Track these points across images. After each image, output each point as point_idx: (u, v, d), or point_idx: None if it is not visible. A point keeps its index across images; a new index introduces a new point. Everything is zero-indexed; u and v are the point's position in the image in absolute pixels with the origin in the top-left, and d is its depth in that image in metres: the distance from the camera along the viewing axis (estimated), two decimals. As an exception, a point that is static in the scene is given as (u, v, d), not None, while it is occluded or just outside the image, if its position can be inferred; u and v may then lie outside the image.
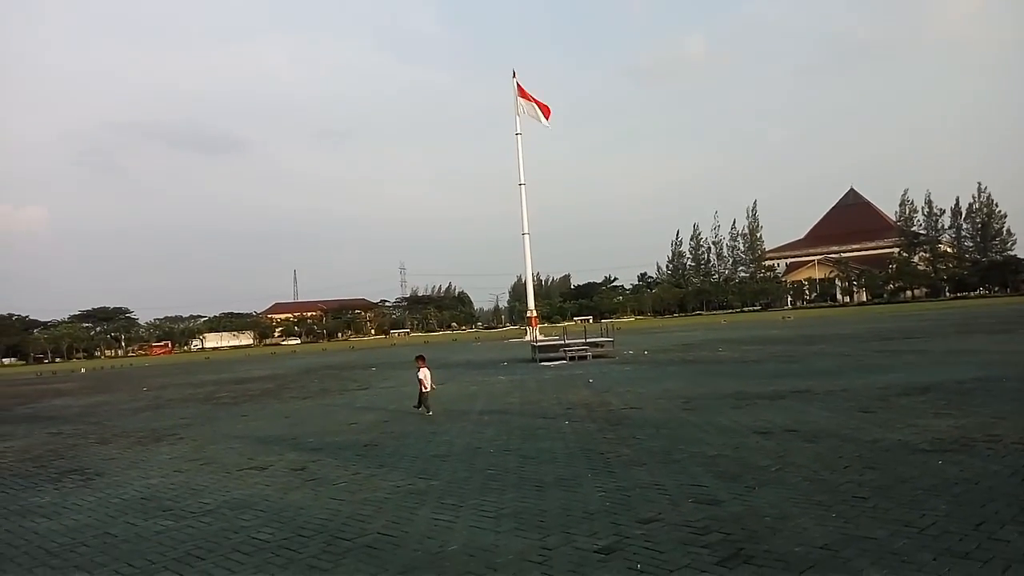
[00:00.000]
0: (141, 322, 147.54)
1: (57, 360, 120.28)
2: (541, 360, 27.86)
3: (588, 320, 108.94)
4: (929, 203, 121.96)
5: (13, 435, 16.08)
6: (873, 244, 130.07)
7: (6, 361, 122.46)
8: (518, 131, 54.12)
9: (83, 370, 67.08)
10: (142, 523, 7.12)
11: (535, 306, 57.66)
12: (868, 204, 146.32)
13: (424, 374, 14.16)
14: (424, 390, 14.12)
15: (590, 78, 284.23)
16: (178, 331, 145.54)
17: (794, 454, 8.03)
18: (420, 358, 14.79)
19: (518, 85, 52.62)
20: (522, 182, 53.79)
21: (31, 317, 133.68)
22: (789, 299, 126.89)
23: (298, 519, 6.78)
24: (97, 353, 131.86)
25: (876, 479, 6.70)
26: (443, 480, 8.00)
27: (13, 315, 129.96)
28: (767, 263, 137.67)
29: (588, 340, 29.33)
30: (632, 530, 5.68)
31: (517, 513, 6.43)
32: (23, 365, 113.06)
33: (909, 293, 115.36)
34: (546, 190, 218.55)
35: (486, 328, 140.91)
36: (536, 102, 51.83)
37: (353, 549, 5.73)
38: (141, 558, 5.94)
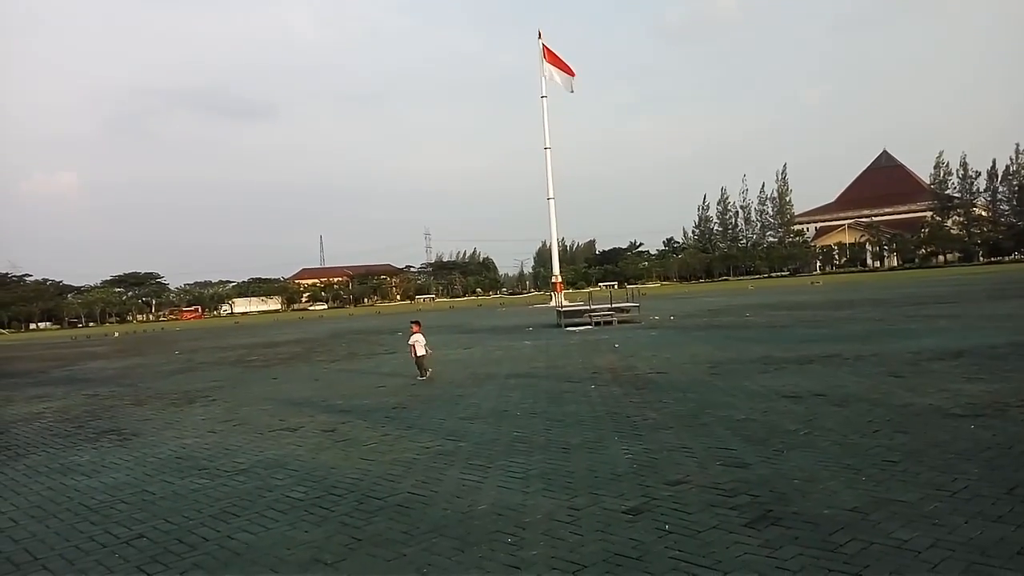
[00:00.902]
0: (171, 287, 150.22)
1: (90, 324, 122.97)
2: (566, 325, 27.89)
3: (613, 286, 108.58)
4: (964, 165, 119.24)
5: (51, 396, 16.51)
6: (905, 208, 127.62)
7: (42, 325, 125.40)
8: (543, 94, 53.59)
9: (116, 334, 68.51)
10: (178, 482, 7.30)
11: (560, 271, 57.55)
12: (901, 167, 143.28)
13: (416, 339, 14.14)
14: (420, 354, 14.10)
15: (618, 38, 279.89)
16: (207, 296, 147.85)
17: (823, 418, 7.99)
18: (415, 323, 14.74)
19: (544, 47, 51.89)
20: (547, 146, 53.44)
21: (65, 282, 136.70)
22: (818, 264, 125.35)
23: (330, 478, 6.91)
24: (129, 317, 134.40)
25: (907, 443, 6.65)
26: (471, 442, 8.08)
27: (48, 280, 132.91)
28: (796, 227, 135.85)
29: (614, 305, 29.27)
30: (660, 492, 5.71)
31: (544, 474, 6.49)
32: (58, 329, 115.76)
33: (941, 258, 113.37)
34: (572, 154, 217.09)
35: (511, 294, 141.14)
36: (561, 65, 51.11)
37: (384, 508, 5.83)
38: (178, 515, 6.10)
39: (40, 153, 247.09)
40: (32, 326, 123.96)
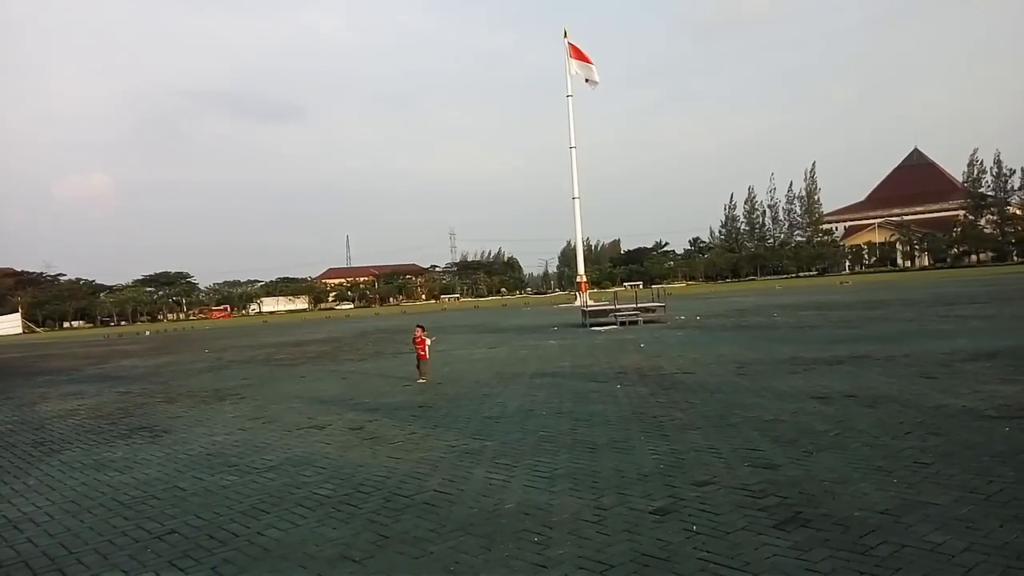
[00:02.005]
0: (201, 286, 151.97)
1: (122, 323, 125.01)
2: (591, 325, 27.80)
3: (639, 285, 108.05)
4: (998, 163, 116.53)
5: (85, 393, 16.83)
6: (937, 206, 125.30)
7: (75, 324, 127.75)
8: (569, 93, 53.50)
9: (147, 332, 69.58)
10: (209, 478, 7.41)
11: (585, 271, 57.41)
12: (933, 165, 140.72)
13: (427, 342, 14.03)
14: (421, 360, 13.89)
15: (644, 36, 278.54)
16: (236, 295, 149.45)
17: (853, 419, 7.89)
18: (420, 327, 14.38)
19: (570, 45, 51.81)
20: (573, 145, 53.34)
21: (97, 281, 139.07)
22: (847, 264, 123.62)
23: (357, 476, 6.96)
24: (160, 316, 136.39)
25: (940, 445, 6.54)
26: (497, 441, 8.10)
27: (81, 280, 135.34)
28: (825, 226, 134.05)
29: (639, 305, 29.12)
30: (687, 492, 5.67)
31: (571, 474, 6.48)
32: (91, 327, 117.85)
33: (974, 257, 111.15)
34: (597, 153, 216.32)
35: (535, 293, 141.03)
36: (587, 60, 51.02)
37: (411, 506, 5.86)
38: (209, 511, 6.19)
39: (74, 155, 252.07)
40: (66, 324, 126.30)
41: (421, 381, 13.58)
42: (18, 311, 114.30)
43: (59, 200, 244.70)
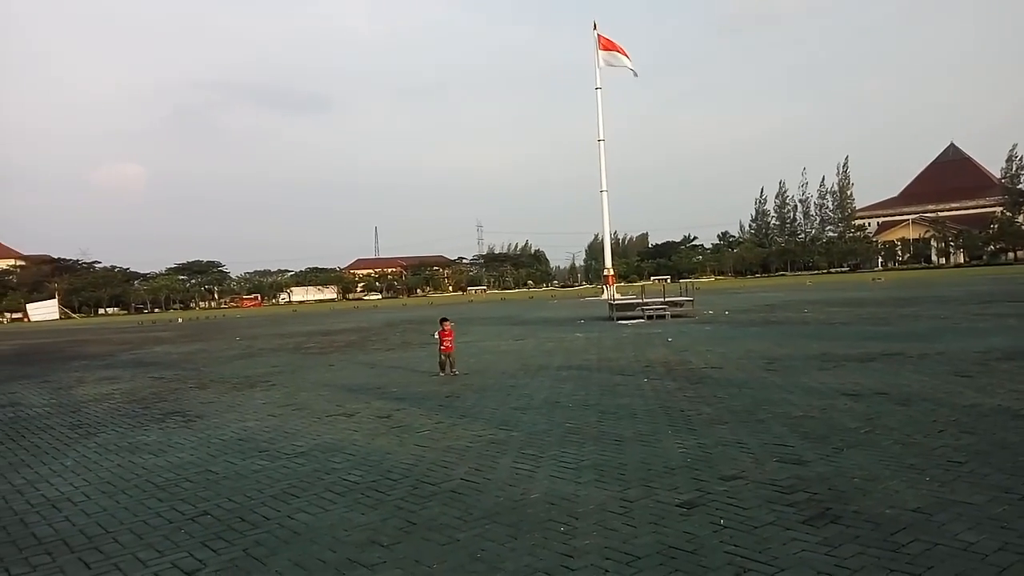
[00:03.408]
0: (232, 275, 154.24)
1: (156, 310, 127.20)
2: (618, 318, 27.72)
3: (666, 280, 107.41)
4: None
5: (120, 379, 17.16)
6: (973, 203, 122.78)
7: (110, 311, 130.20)
8: (598, 86, 53.11)
9: (180, 320, 70.74)
10: (240, 462, 7.53)
11: (612, 265, 57.14)
12: (969, 160, 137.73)
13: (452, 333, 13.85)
14: (451, 351, 13.75)
15: (674, 29, 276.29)
16: (267, 284, 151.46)
17: (885, 417, 7.78)
18: (446, 320, 14.17)
19: (599, 37, 51.47)
20: (601, 138, 52.98)
21: (131, 269, 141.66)
22: (880, 260, 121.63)
23: (385, 463, 7.03)
24: (192, 304, 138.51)
25: (974, 444, 6.44)
26: (523, 431, 8.12)
27: (116, 267, 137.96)
28: (857, 222, 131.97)
29: (667, 299, 28.95)
30: (714, 486, 5.65)
31: (597, 465, 6.48)
32: (125, 314, 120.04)
33: (1011, 255, 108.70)
34: (625, 146, 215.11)
35: (562, 286, 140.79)
36: (620, 51, 50.65)
37: (438, 493, 5.91)
38: (241, 494, 6.30)
39: (109, 145, 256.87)
40: (101, 311, 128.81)
41: (452, 372, 13.54)
42: (55, 297, 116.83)
43: (95, 189, 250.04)
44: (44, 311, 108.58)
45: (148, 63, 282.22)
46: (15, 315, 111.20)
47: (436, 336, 14.18)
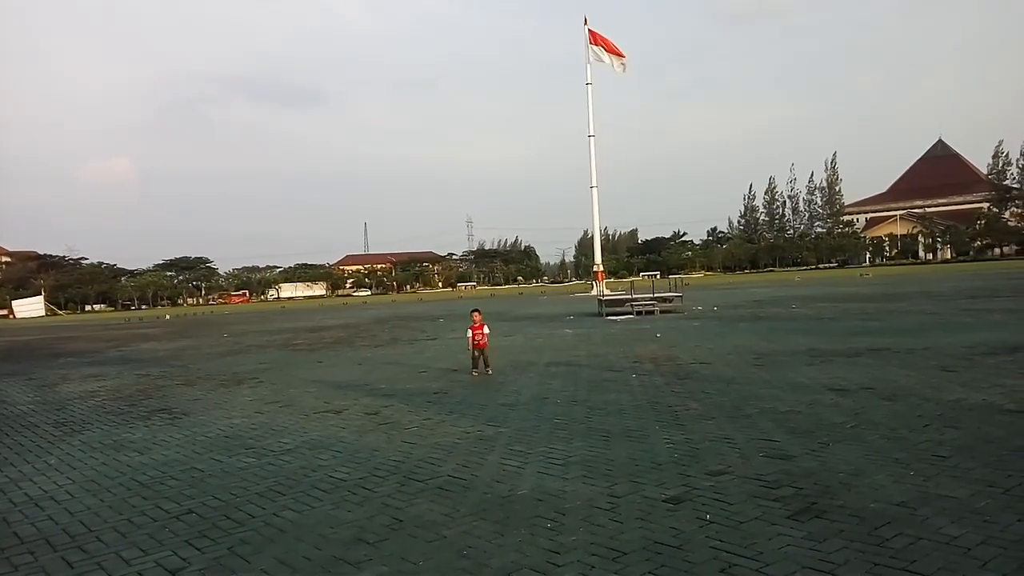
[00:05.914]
0: (220, 272, 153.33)
1: (143, 307, 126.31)
2: (607, 314, 27.76)
3: (656, 275, 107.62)
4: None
5: (106, 375, 17.04)
6: (960, 199, 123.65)
7: (97, 307, 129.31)
8: (588, 81, 53.11)
9: (167, 316, 70.28)
10: (226, 460, 7.49)
11: (601, 260, 57.23)
12: (957, 156, 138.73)
13: (484, 329, 12.74)
14: (484, 347, 12.83)
15: (667, 21, 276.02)
16: (255, 281, 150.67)
17: (871, 412, 7.82)
18: (477, 312, 12.86)
19: (590, 31, 51.43)
20: (591, 134, 53.01)
21: (119, 265, 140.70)
22: (868, 256, 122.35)
23: (373, 460, 7.01)
24: (180, 300, 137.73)
25: (958, 438, 6.48)
26: (511, 428, 8.12)
27: (103, 263, 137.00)
28: (845, 218, 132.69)
29: (656, 295, 29.02)
30: (701, 482, 5.66)
31: (585, 461, 6.49)
32: (112, 311, 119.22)
33: (998, 251, 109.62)
34: (616, 142, 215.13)
35: (552, 282, 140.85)
36: (611, 48, 50.56)
37: (426, 490, 5.90)
38: (226, 492, 6.26)
39: (96, 140, 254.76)
40: (87, 308, 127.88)
41: (489, 372, 12.68)
42: (41, 294, 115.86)
43: (82, 185, 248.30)
44: (30, 308, 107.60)
45: (137, 56, 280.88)
46: (0, 312, 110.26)
47: (468, 333, 12.92)
